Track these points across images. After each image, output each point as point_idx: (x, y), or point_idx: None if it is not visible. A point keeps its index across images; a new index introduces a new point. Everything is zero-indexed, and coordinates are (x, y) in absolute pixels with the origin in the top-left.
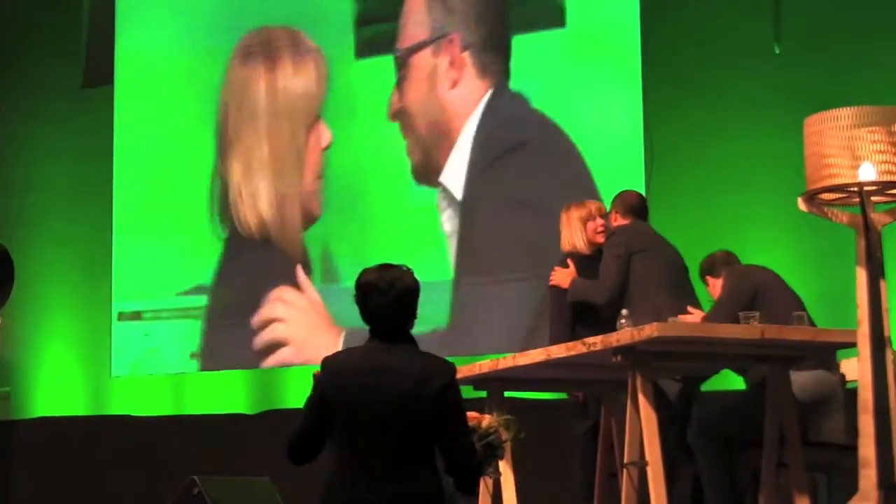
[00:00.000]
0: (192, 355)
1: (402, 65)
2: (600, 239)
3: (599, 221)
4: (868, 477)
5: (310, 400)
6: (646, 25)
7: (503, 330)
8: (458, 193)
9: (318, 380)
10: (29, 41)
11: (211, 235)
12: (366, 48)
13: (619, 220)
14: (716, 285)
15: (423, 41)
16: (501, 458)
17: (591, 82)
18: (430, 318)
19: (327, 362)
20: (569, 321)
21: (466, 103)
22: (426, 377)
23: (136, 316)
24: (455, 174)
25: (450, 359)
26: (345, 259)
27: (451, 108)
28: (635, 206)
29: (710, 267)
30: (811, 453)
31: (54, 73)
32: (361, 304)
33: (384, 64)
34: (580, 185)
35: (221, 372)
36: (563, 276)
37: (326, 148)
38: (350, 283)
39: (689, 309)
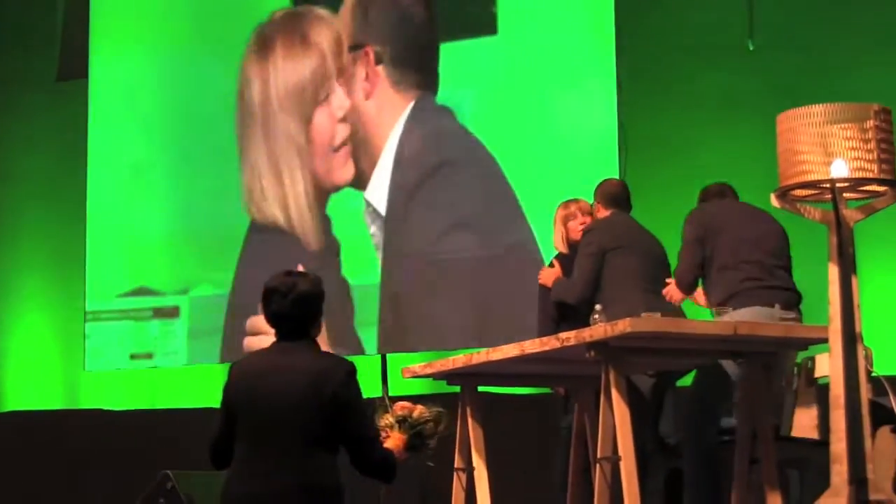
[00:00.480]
0: (134, 355)
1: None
2: (578, 235)
3: (581, 219)
4: (839, 472)
5: (220, 404)
6: (620, 21)
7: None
8: (383, 209)
9: (225, 383)
10: (2, 34)
11: (187, 232)
12: None
13: (601, 212)
14: None
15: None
16: (430, 447)
17: (566, 79)
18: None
19: (233, 368)
20: (554, 318)
21: (385, 117)
22: (323, 375)
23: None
24: (378, 191)
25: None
26: None
27: (370, 119)
28: (617, 195)
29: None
30: (784, 449)
31: (28, 66)
32: (264, 307)
33: None
34: (503, 201)
35: (195, 366)
36: (548, 276)
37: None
38: None
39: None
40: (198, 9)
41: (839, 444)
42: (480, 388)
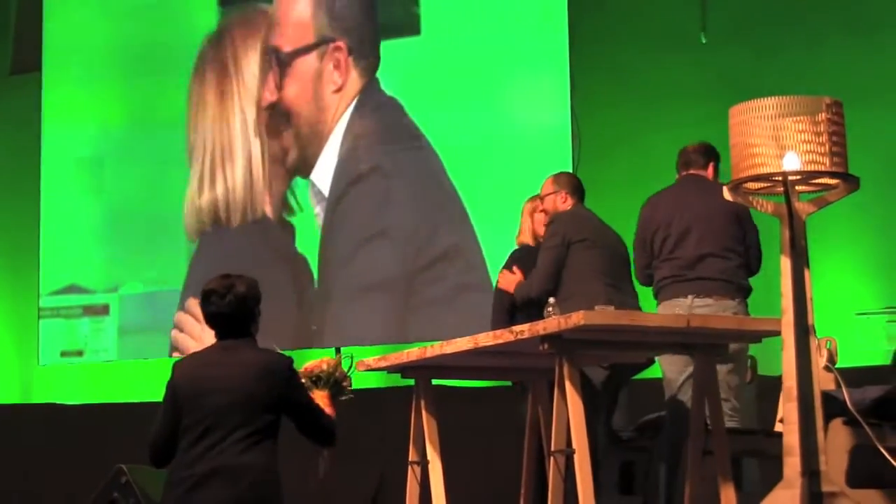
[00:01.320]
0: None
1: (283, 63)
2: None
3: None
4: (792, 465)
5: (163, 402)
6: (573, 14)
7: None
8: (326, 190)
9: (169, 381)
10: None
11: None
12: None
13: (567, 201)
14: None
15: (309, 45)
16: (349, 391)
17: (518, 72)
18: None
19: (175, 366)
20: (508, 310)
21: (344, 105)
22: (268, 368)
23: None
24: (324, 171)
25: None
26: None
27: (329, 108)
28: (580, 187)
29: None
30: (739, 440)
31: None
32: (203, 307)
33: None
34: (436, 208)
35: (150, 360)
36: (509, 282)
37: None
38: None
39: None
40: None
41: (792, 436)
42: (434, 381)
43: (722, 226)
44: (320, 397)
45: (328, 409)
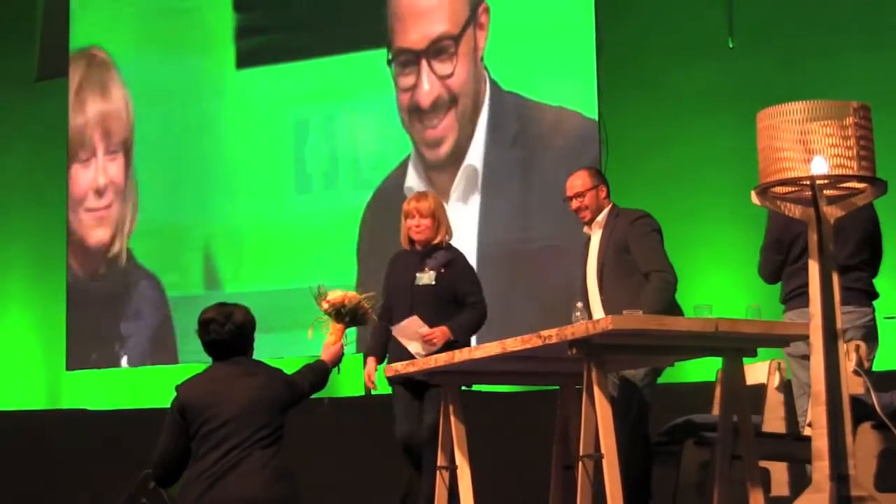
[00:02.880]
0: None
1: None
2: (415, 235)
3: (417, 221)
4: (821, 469)
5: (168, 423)
6: (601, 19)
7: None
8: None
9: (174, 402)
10: None
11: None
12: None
13: (606, 196)
14: None
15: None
16: (366, 324)
17: (547, 77)
18: None
19: (179, 387)
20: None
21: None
22: (270, 378)
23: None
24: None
25: None
26: None
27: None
28: None
29: None
30: (768, 444)
31: (7, 66)
32: (203, 336)
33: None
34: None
35: (176, 366)
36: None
37: None
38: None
39: None
40: (174, 6)
41: (821, 441)
42: (463, 387)
43: (860, 237)
44: (334, 328)
45: (338, 340)
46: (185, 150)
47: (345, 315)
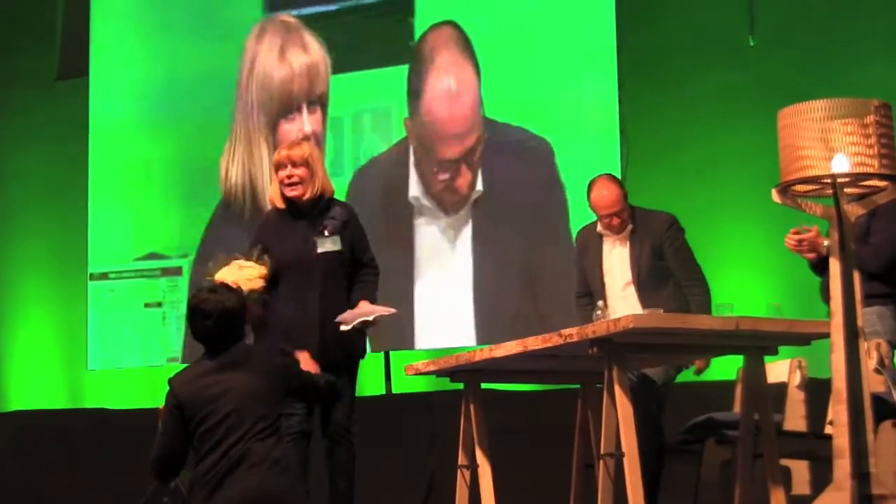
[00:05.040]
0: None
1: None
2: (288, 192)
3: (290, 171)
4: (842, 467)
5: (165, 418)
6: (621, 19)
7: None
8: None
9: (169, 397)
10: (2, 32)
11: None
12: None
13: (626, 205)
14: None
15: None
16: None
17: (568, 78)
18: None
19: (173, 381)
20: None
21: None
22: (271, 367)
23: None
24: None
25: None
26: None
27: None
28: None
29: None
30: (789, 442)
31: (29, 65)
32: (190, 324)
33: None
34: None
35: None
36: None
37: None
38: None
39: None
40: (196, 4)
41: (841, 439)
42: (484, 385)
43: None
44: (252, 309)
45: (258, 310)
46: None
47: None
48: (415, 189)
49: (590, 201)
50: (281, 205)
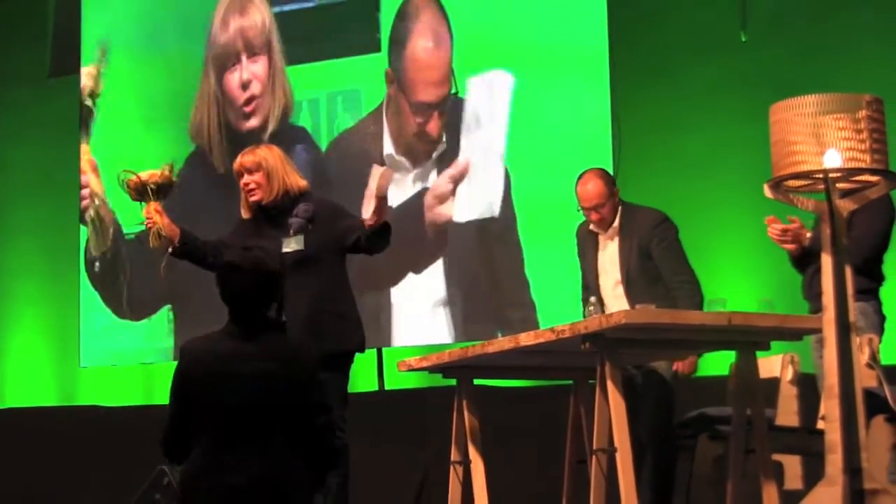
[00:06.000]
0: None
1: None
2: (250, 198)
3: (246, 179)
4: (834, 462)
5: (173, 392)
6: (613, 12)
7: None
8: None
9: (179, 369)
10: None
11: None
12: None
13: (616, 203)
14: None
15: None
16: (174, 186)
17: (559, 70)
18: None
19: (186, 349)
20: None
21: None
22: (295, 358)
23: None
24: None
25: None
26: None
27: None
28: None
29: None
30: (781, 438)
31: (20, 62)
32: (223, 284)
33: None
34: None
35: None
36: None
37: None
38: None
39: None
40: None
41: (834, 434)
42: (476, 381)
43: None
44: (151, 209)
45: (164, 222)
46: None
47: (152, 191)
48: (388, 146)
49: (576, 194)
50: (247, 214)
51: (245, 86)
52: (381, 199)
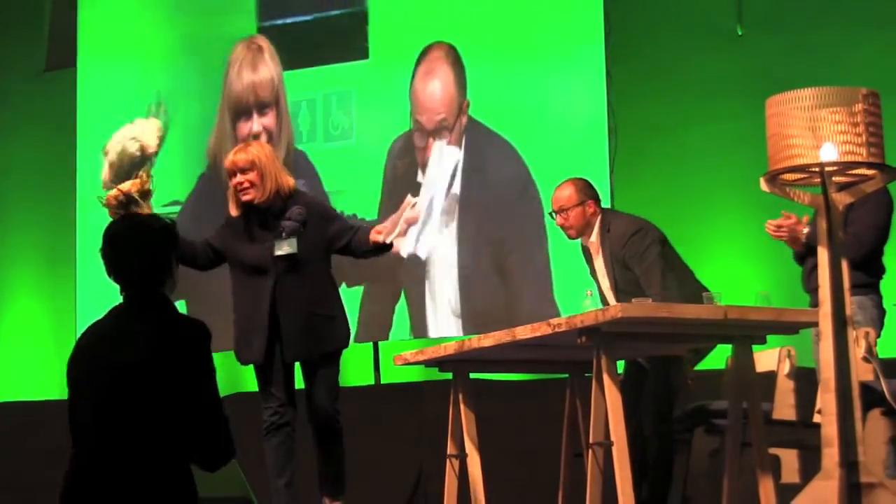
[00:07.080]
0: None
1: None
2: (242, 197)
3: (239, 178)
4: (830, 455)
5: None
6: (609, 7)
7: None
8: None
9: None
10: None
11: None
12: None
13: (596, 211)
14: None
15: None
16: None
17: (554, 65)
18: None
19: (81, 335)
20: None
21: None
22: (167, 341)
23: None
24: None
25: None
26: None
27: None
28: (597, 193)
29: None
30: (778, 431)
31: (16, 55)
32: (104, 257)
33: None
34: None
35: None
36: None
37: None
38: None
39: None
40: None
41: (830, 428)
42: (472, 375)
43: None
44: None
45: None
46: None
47: (131, 202)
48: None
49: None
50: (236, 213)
51: (255, 137)
52: (406, 227)
